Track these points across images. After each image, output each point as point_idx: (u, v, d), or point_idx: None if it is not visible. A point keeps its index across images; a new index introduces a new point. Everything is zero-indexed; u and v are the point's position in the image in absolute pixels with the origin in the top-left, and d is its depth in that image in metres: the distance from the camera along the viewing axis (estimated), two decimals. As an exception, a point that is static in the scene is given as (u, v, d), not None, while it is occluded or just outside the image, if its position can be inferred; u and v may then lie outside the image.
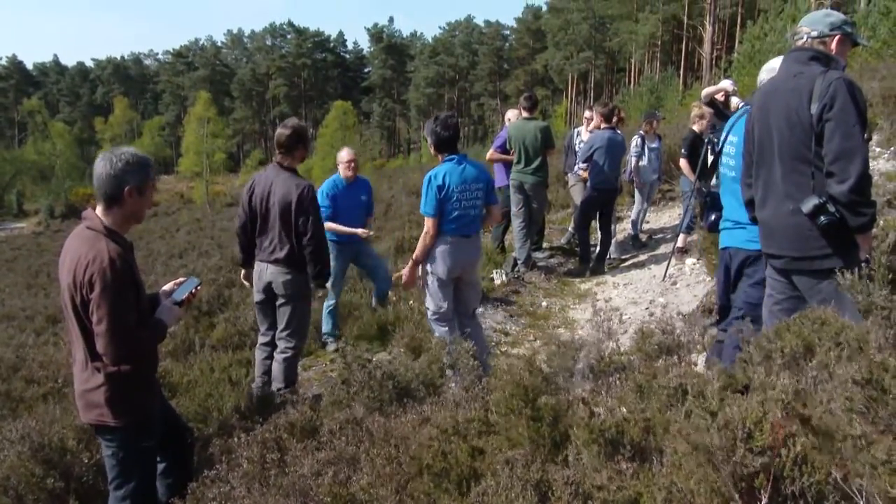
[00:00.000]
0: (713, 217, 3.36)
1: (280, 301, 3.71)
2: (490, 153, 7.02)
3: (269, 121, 68.22)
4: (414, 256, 3.75)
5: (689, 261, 6.41)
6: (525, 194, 6.50)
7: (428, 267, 3.70)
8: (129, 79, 76.15)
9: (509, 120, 6.82)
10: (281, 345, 3.78)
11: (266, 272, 3.71)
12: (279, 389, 3.74)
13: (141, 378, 2.30)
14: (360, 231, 4.90)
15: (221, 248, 12.70)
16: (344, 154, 4.99)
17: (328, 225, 4.66)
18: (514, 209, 6.59)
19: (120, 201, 2.22)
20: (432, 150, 3.68)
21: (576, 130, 7.70)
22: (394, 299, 5.57)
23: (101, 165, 2.20)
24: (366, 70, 76.32)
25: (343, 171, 4.95)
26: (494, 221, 4.15)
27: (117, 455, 2.30)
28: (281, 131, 3.65)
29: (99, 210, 2.25)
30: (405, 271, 3.80)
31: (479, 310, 4.81)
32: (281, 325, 3.75)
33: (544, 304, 5.98)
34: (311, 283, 3.69)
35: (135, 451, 2.31)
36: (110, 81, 74.49)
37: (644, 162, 7.34)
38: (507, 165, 6.72)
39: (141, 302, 2.25)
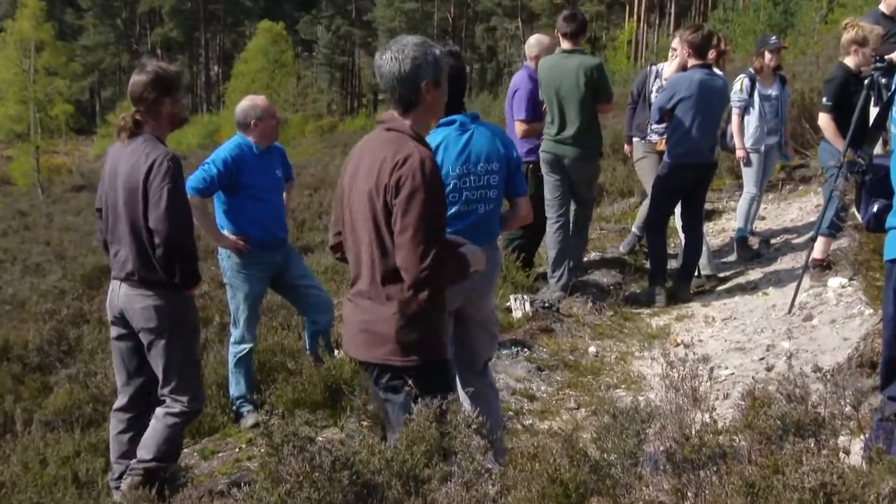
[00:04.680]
0: (876, 209, 3.38)
1: (145, 339, 3.91)
2: (521, 127, 6.77)
3: (146, 51, 68.39)
4: None
5: (835, 281, 6.46)
6: (564, 174, 6.57)
7: None
8: None
9: (533, 58, 6.81)
10: (164, 409, 3.99)
11: (118, 295, 3.93)
12: (144, 462, 3.89)
13: (436, 313, 3.09)
14: (232, 242, 4.99)
15: (64, 260, 12.62)
16: (259, 104, 5.03)
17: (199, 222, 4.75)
18: (547, 197, 6.64)
19: (418, 101, 3.05)
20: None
21: (653, 69, 7.73)
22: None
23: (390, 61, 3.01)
24: (304, -30, 76.84)
25: (256, 135, 5.02)
26: (523, 221, 4.15)
27: (407, 405, 2.97)
28: (135, 78, 3.86)
29: (395, 113, 3.08)
30: None
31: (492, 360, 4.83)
32: (160, 378, 3.97)
33: (592, 349, 6.03)
34: (186, 302, 3.95)
35: (430, 389, 2.98)
36: None
37: (752, 118, 7.38)
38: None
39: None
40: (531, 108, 6.74)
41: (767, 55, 7.41)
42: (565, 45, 6.50)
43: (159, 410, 3.99)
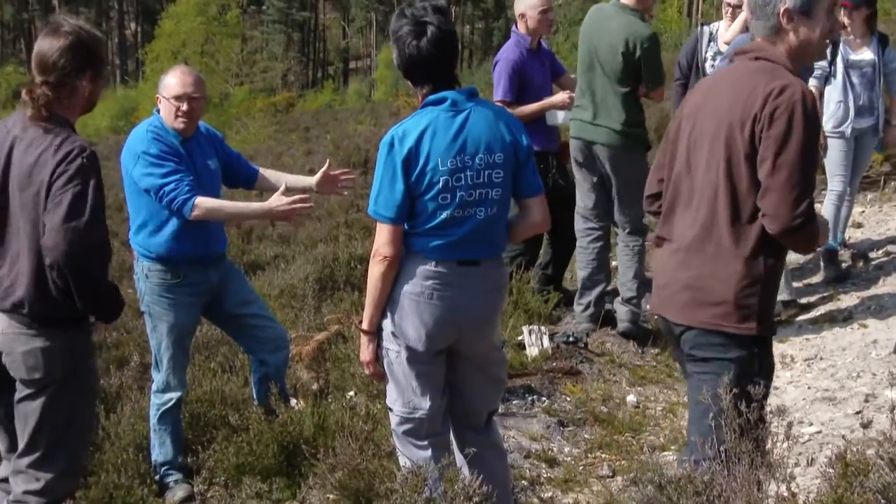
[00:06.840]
0: None
1: (21, 393, 3.81)
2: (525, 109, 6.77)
3: (45, 8, 68.46)
4: (365, 324, 3.86)
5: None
6: (595, 169, 6.59)
7: (388, 327, 3.79)
8: None
9: (520, 17, 6.84)
10: (18, 486, 3.85)
11: None
12: None
13: (778, 278, 3.50)
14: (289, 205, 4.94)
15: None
16: (173, 82, 5.00)
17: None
18: (578, 204, 6.72)
19: (777, 29, 3.40)
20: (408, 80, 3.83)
21: (706, 30, 7.74)
22: (313, 388, 5.53)
23: None
24: None
25: (170, 117, 5.00)
26: (536, 229, 4.17)
27: (731, 370, 3.28)
28: (49, 41, 3.76)
29: (764, 43, 3.45)
30: (363, 352, 3.93)
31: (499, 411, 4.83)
32: (21, 442, 3.83)
33: (631, 398, 6.07)
34: (87, 344, 3.92)
35: (755, 368, 3.38)
36: None
37: (835, 91, 7.41)
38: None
39: None
40: (513, 86, 6.76)
41: (854, 8, 7.38)
42: None
43: None
